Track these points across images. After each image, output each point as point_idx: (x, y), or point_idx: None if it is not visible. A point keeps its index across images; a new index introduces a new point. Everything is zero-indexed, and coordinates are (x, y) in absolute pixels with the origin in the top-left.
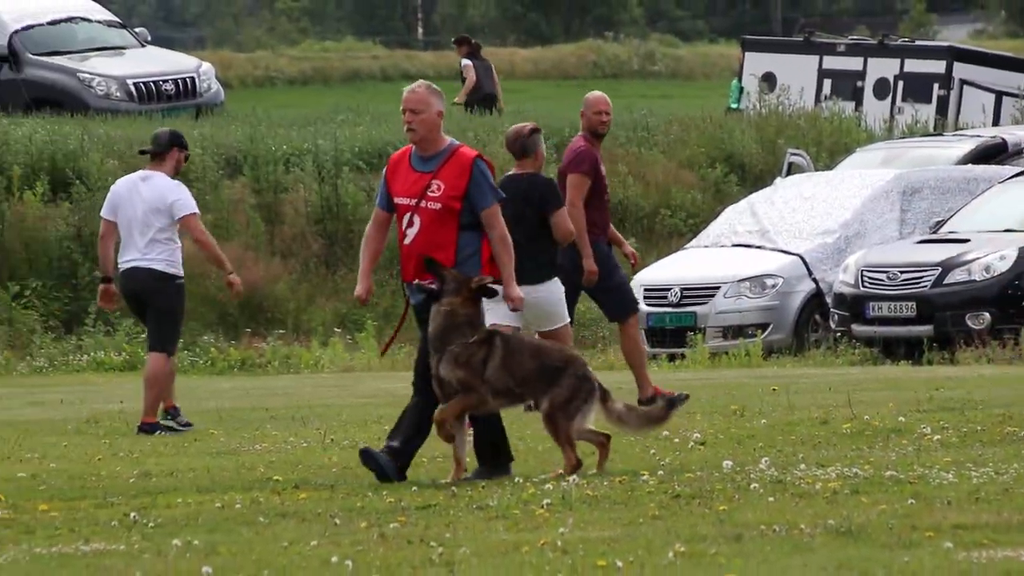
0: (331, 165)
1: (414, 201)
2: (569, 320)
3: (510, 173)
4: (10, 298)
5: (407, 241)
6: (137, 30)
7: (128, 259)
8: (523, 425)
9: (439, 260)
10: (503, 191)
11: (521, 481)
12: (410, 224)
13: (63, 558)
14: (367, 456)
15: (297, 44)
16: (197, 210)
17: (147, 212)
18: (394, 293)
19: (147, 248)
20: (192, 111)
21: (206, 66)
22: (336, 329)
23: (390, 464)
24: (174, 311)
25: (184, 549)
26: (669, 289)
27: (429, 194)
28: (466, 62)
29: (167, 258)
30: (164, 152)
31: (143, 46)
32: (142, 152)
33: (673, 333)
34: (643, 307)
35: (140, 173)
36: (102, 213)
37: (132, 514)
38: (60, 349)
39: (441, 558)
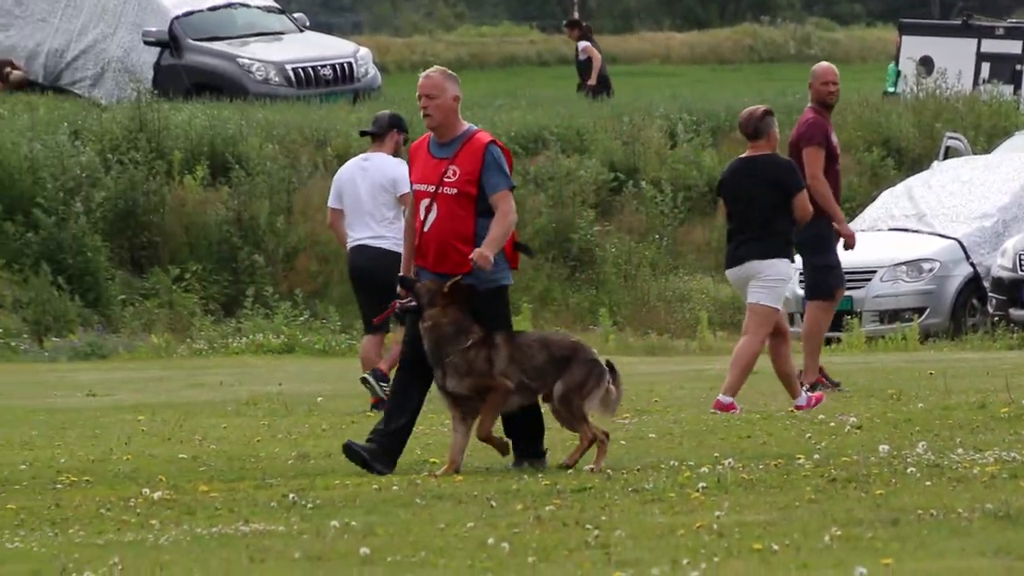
0: None
1: (432, 187)
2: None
3: (744, 155)
4: (171, 281)
5: (426, 228)
6: (295, 15)
7: (357, 237)
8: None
9: (460, 246)
10: (737, 173)
11: (677, 464)
12: (428, 210)
13: (223, 538)
14: (350, 451)
15: (454, 29)
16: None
17: (373, 191)
18: (548, 276)
19: (375, 227)
20: (349, 96)
21: (364, 51)
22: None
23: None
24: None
25: (342, 530)
26: None
27: (446, 180)
28: (584, 44)
29: (395, 236)
30: (384, 134)
31: (301, 31)
32: (363, 134)
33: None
34: (798, 291)
35: (361, 156)
36: (329, 203)
37: (291, 495)
38: (219, 332)
39: (597, 540)
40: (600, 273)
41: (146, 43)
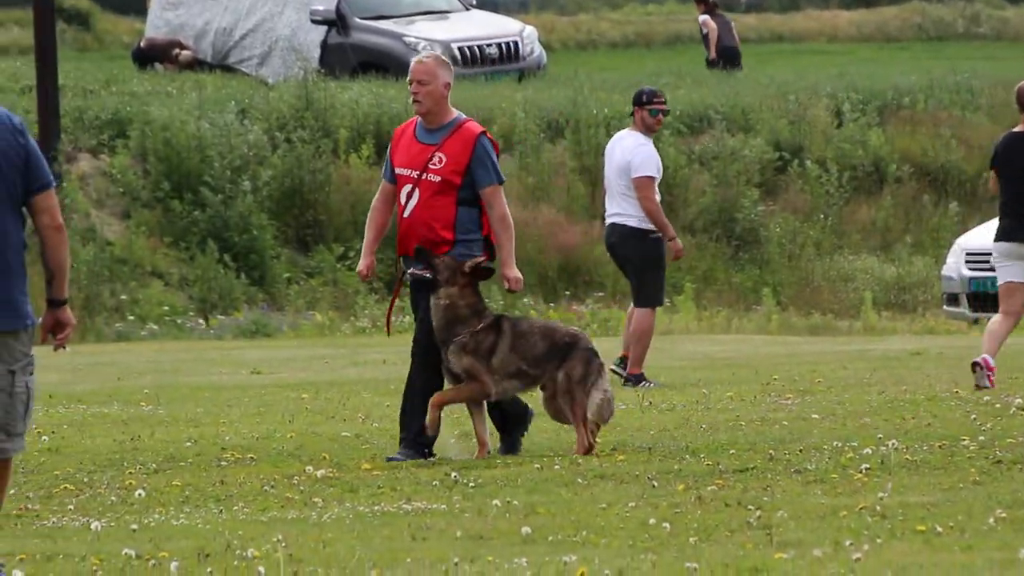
0: None
1: (415, 173)
2: None
3: (1017, 129)
4: (335, 260)
5: (406, 214)
6: None
7: (608, 213)
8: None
9: (435, 240)
10: (1011, 148)
11: (839, 445)
12: (410, 196)
13: (386, 516)
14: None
15: (619, 8)
16: (651, 173)
17: (616, 169)
18: (712, 256)
19: (621, 204)
20: (515, 74)
21: (529, 29)
22: None
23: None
24: (650, 265)
25: (504, 509)
26: (990, 254)
27: (430, 167)
28: (703, 17)
29: (639, 213)
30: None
31: (467, 10)
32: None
33: (994, 298)
34: (965, 272)
35: (621, 132)
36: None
37: (453, 474)
38: (382, 310)
39: (758, 521)
40: (764, 253)
41: (313, 22)
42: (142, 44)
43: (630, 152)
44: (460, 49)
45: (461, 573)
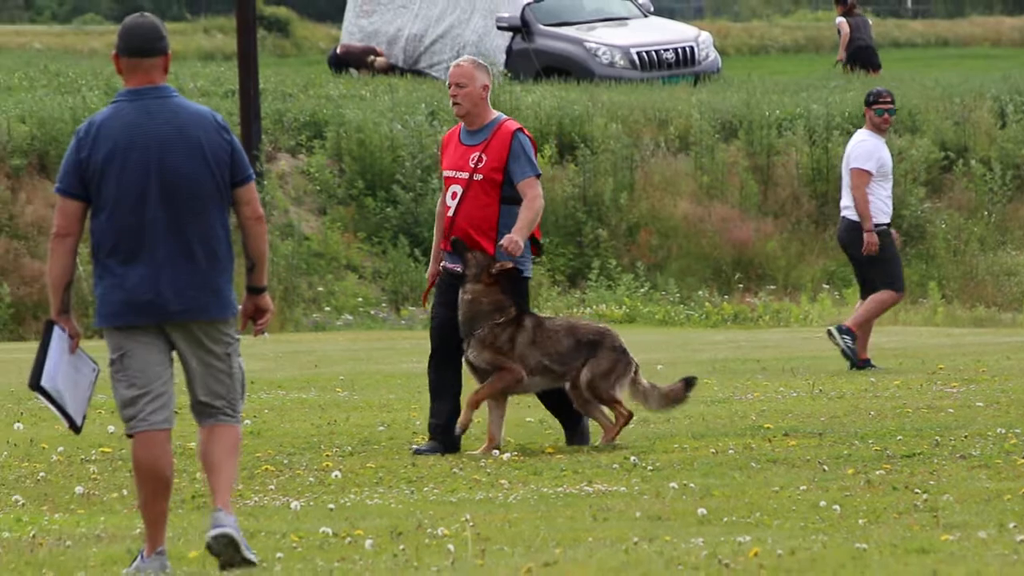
0: (822, 129)
1: (459, 174)
2: None
3: None
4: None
5: (451, 213)
6: (640, 1)
7: (841, 207)
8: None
9: (482, 241)
10: None
11: (1003, 432)
12: (455, 196)
13: (568, 497)
14: (418, 452)
15: (791, 14)
16: (864, 166)
17: (844, 165)
18: None
19: (845, 198)
20: (691, 79)
21: (704, 35)
22: (824, 285)
23: (439, 447)
24: (872, 258)
25: (680, 491)
26: None
27: (473, 166)
28: (839, 19)
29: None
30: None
31: (646, 16)
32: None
33: None
34: None
35: (857, 131)
36: None
37: (632, 458)
38: (565, 302)
39: (925, 504)
40: (930, 248)
41: (499, 28)
42: (338, 50)
43: (852, 147)
44: (638, 54)
45: (640, 552)
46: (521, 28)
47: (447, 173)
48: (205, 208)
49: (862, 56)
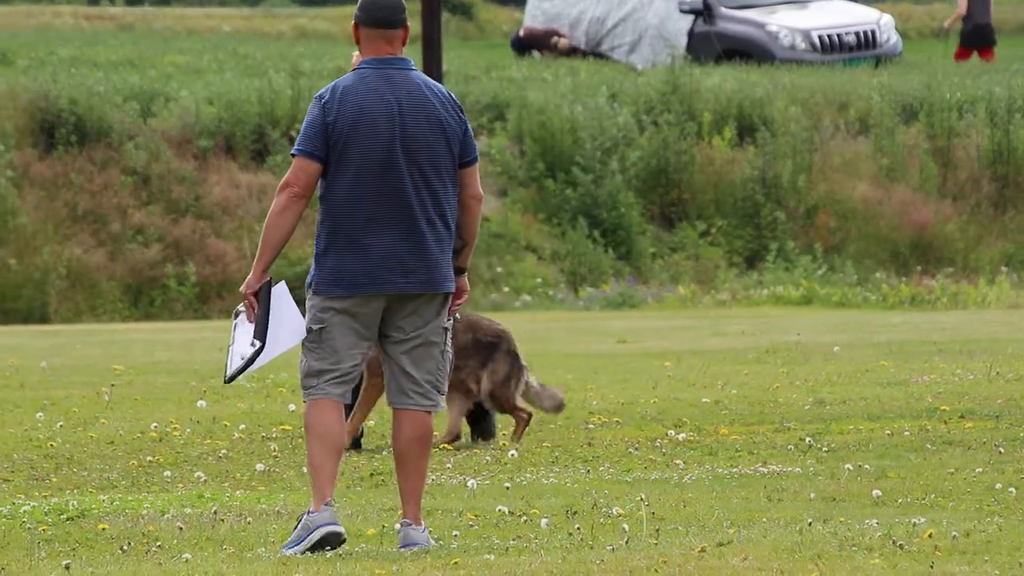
0: (1004, 111)
1: None
2: None
3: None
4: (697, 235)
5: None
6: None
7: None
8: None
9: None
10: None
11: None
12: None
13: (743, 478)
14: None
15: None
16: None
17: None
18: None
19: None
20: (872, 61)
21: (886, 18)
22: (1003, 268)
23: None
24: None
25: (855, 473)
26: None
27: None
28: None
29: None
30: None
31: None
32: None
33: None
34: None
35: None
36: None
37: (807, 439)
38: (742, 284)
39: None
40: None
41: (681, 11)
42: (521, 33)
43: None
44: (819, 37)
45: (814, 533)
46: (703, 11)
47: None
48: (443, 181)
49: (978, 34)
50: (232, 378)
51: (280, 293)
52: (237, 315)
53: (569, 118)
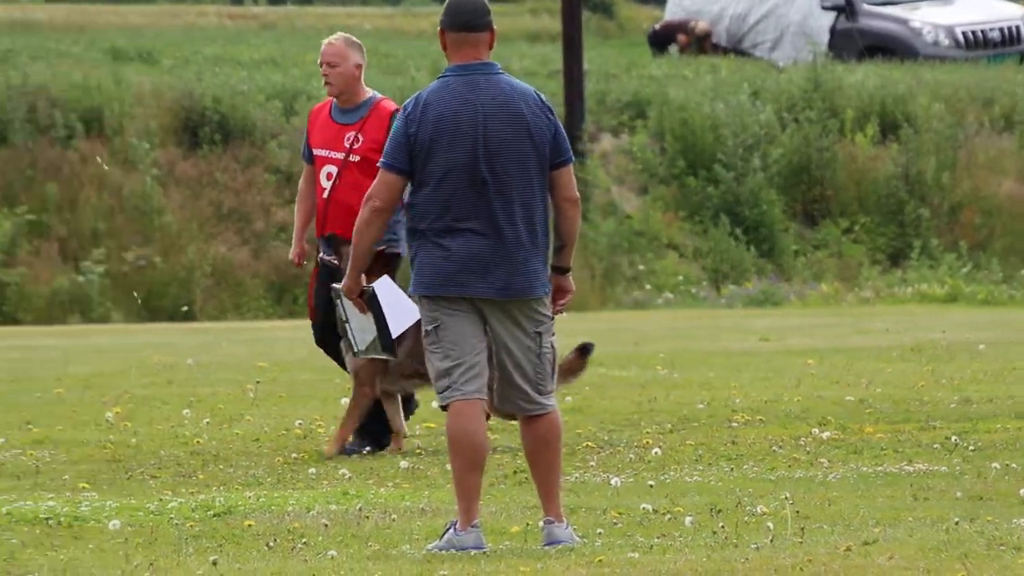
0: None
1: (334, 154)
2: None
3: None
4: (840, 232)
5: (326, 195)
6: None
7: None
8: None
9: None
10: None
11: None
12: (329, 176)
13: (888, 477)
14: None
15: None
16: None
17: None
18: None
19: None
20: (1016, 57)
21: None
22: None
23: (355, 447)
24: None
25: (1002, 472)
26: None
27: (349, 146)
28: None
29: None
30: None
31: None
32: None
33: None
34: None
35: None
36: None
37: (953, 437)
38: (885, 281)
39: None
40: None
41: (823, 8)
42: (657, 27)
43: None
44: (963, 33)
45: (961, 532)
46: (845, 8)
47: (317, 151)
48: (530, 184)
49: None
50: (364, 353)
51: (386, 287)
52: (338, 295)
53: (710, 115)
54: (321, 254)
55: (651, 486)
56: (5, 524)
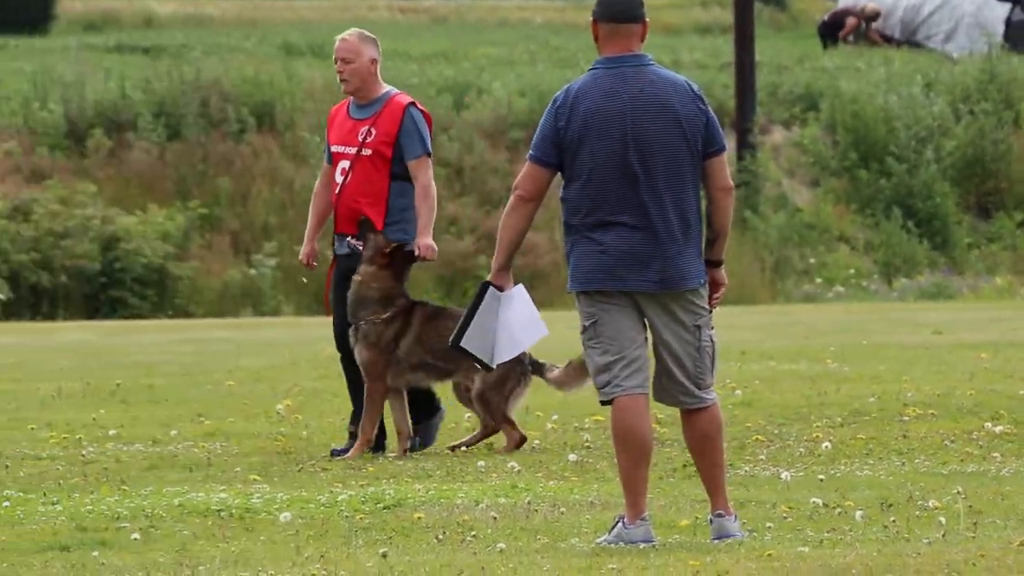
0: None
1: (348, 149)
2: None
3: None
4: (1015, 225)
5: (338, 190)
6: None
7: None
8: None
9: (371, 215)
10: None
11: None
12: (343, 172)
13: None
14: (335, 454)
15: None
16: None
17: None
18: None
19: None
20: None
21: None
22: None
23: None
24: None
25: None
26: None
27: (362, 141)
28: None
29: None
30: None
31: None
32: None
33: None
34: None
35: None
36: None
37: None
38: None
39: None
40: None
41: (998, 0)
42: (826, 17)
43: None
44: None
45: None
46: (1021, 0)
47: (334, 148)
48: (680, 176)
49: None
50: (455, 346)
51: (517, 295)
52: (485, 289)
53: (883, 107)
54: (336, 247)
55: (821, 480)
56: (177, 516)
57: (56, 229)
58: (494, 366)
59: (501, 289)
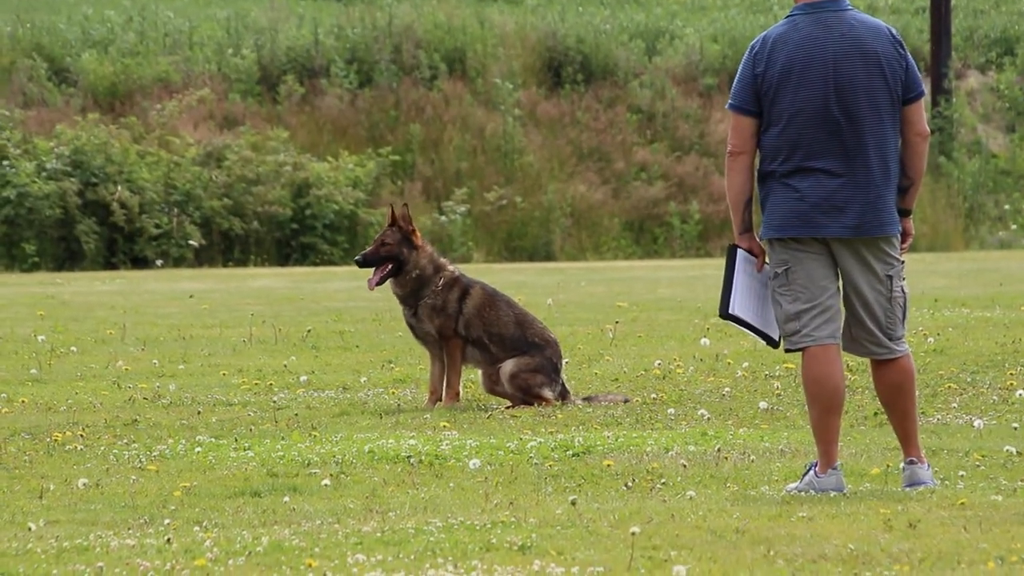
0: None
1: None
2: None
3: None
4: None
5: None
6: None
7: None
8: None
9: None
10: None
11: None
12: None
13: None
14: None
15: None
16: None
17: None
18: None
19: None
20: None
21: None
22: None
23: None
24: None
25: None
26: None
27: None
28: None
29: None
30: None
31: None
32: None
33: None
34: None
35: None
36: None
37: None
38: None
39: None
40: None
41: None
42: None
43: None
44: None
45: None
46: None
47: None
48: (881, 121)
49: None
50: (727, 316)
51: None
52: (734, 252)
53: None
54: None
55: (1015, 428)
56: (367, 462)
57: (248, 175)
58: (777, 339)
59: (750, 252)
